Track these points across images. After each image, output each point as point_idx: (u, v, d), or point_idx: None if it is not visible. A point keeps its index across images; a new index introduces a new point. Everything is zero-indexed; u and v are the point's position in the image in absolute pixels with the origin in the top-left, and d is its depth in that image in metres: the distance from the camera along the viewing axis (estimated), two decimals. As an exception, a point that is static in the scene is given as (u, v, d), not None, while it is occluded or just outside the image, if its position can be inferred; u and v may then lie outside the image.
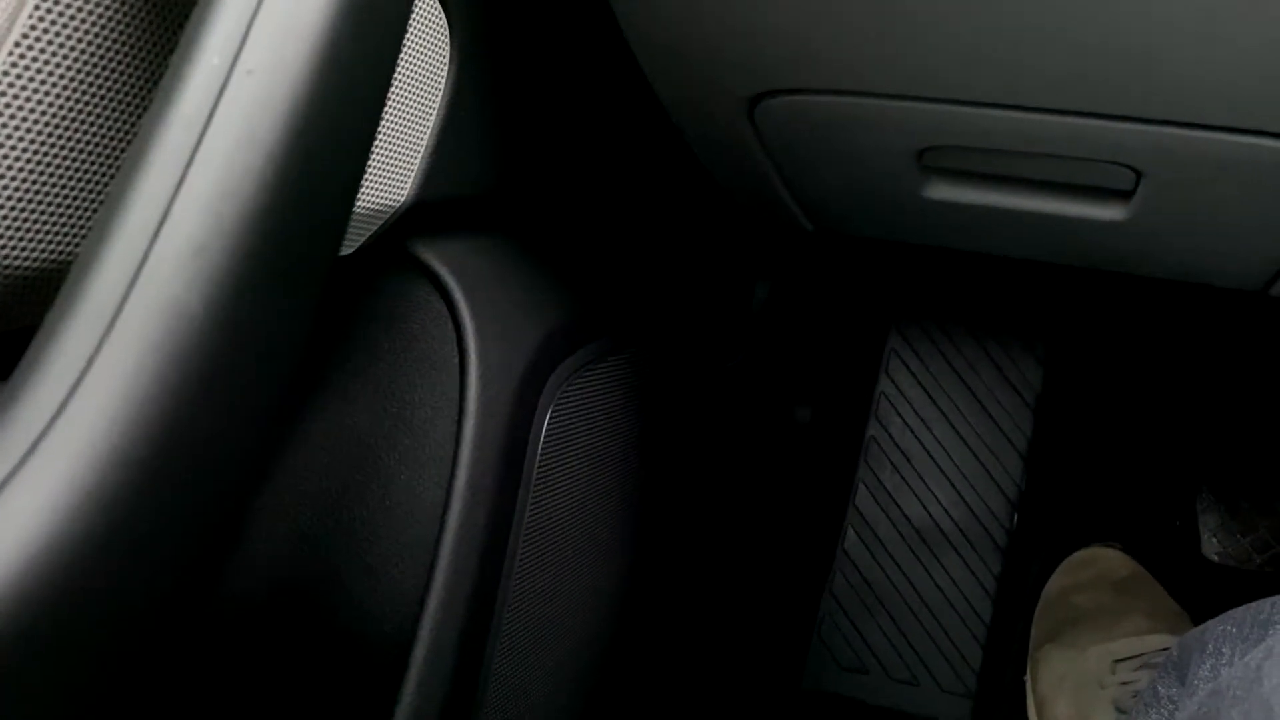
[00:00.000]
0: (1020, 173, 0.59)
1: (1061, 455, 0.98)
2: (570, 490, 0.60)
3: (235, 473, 0.26)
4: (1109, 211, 0.59)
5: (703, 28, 0.51)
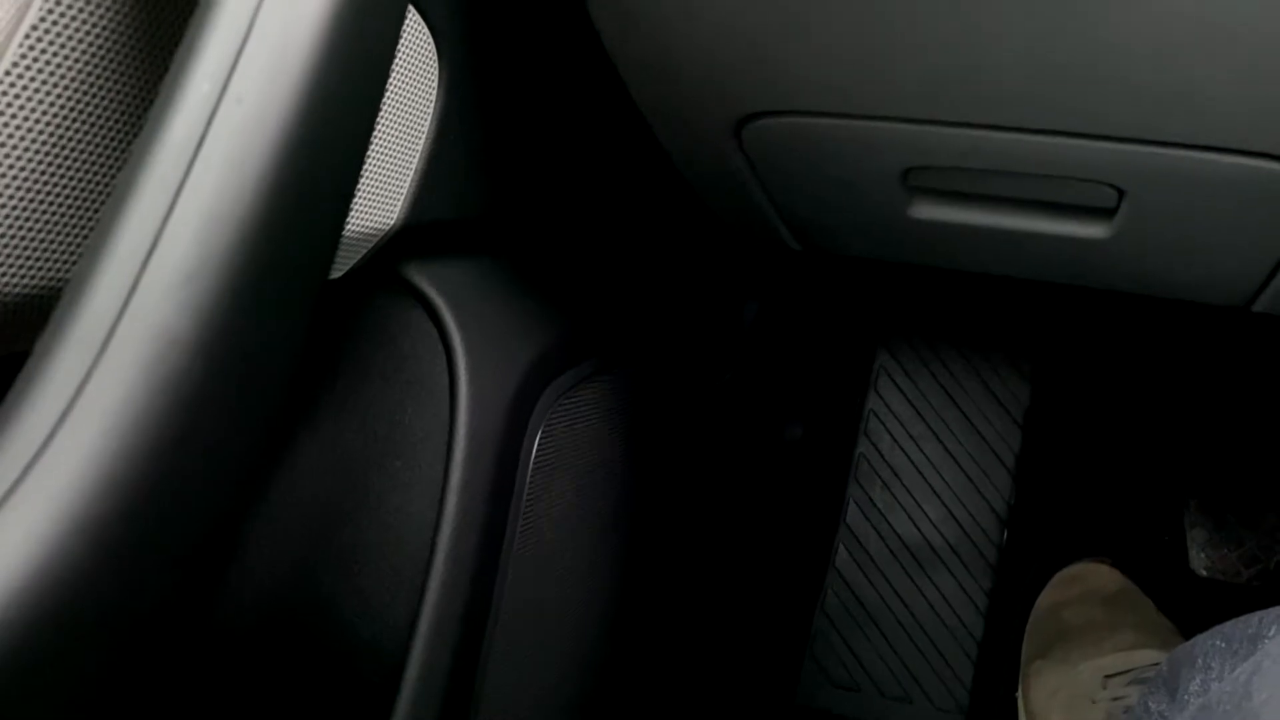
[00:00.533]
0: (1004, 192, 0.59)
1: (1050, 471, 0.98)
2: (561, 511, 0.60)
3: (225, 498, 0.26)
4: (1092, 229, 0.59)
5: (689, 53, 0.52)
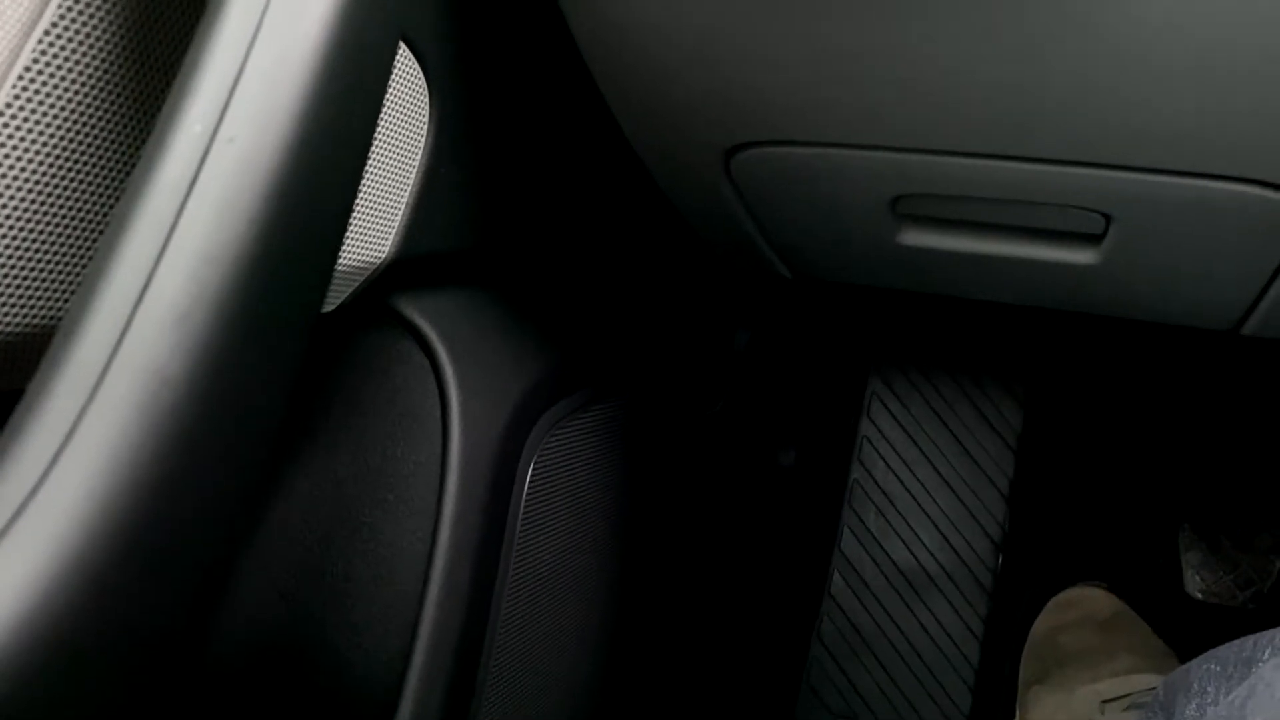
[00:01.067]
0: (992, 218, 0.60)
1: (1043, 495, 0.98)
2: (555, 541, 0.59)
3: (219, 533, 0.26)
4: (1080, 255, 0.60)
5: (678, 85, 0.52)
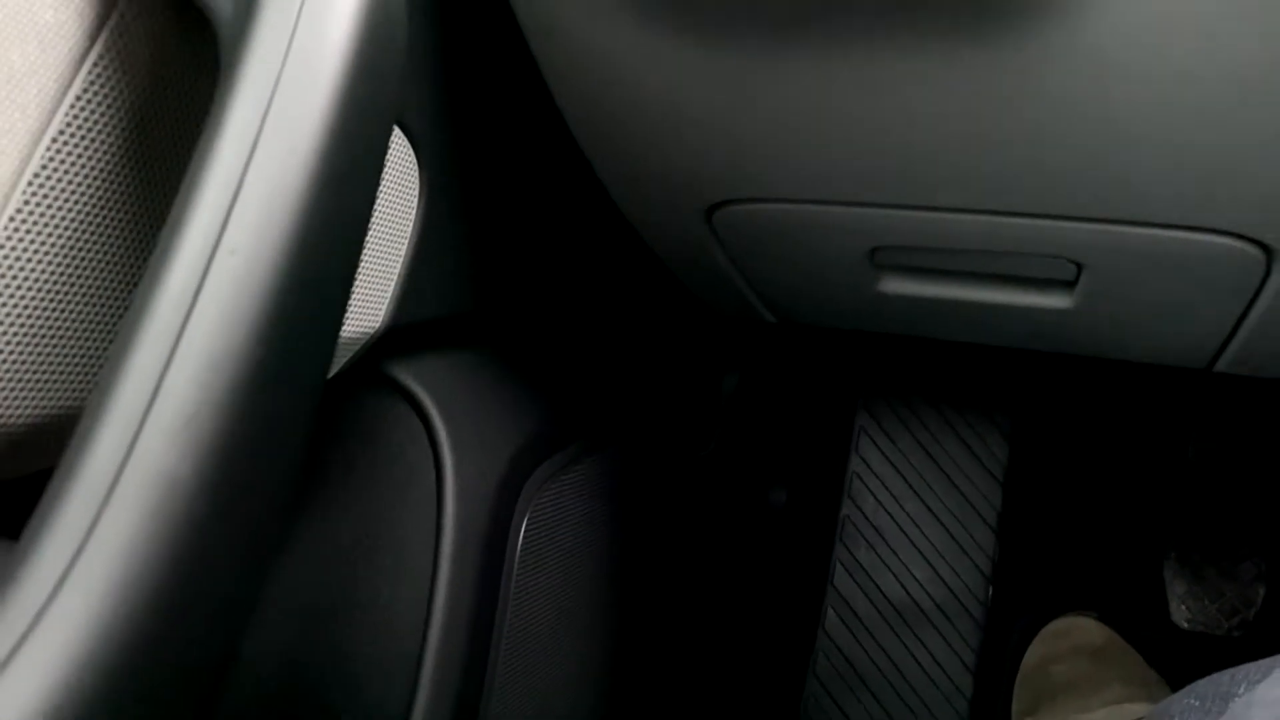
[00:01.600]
0: (968, 267, 0.61)
1: (1031, 526, 0.99)
2: (550, 595, 0.60)
3: (233, 621, 0.28)
4: (1054, 300, 0.61)
5: (655, 152, 0.54)
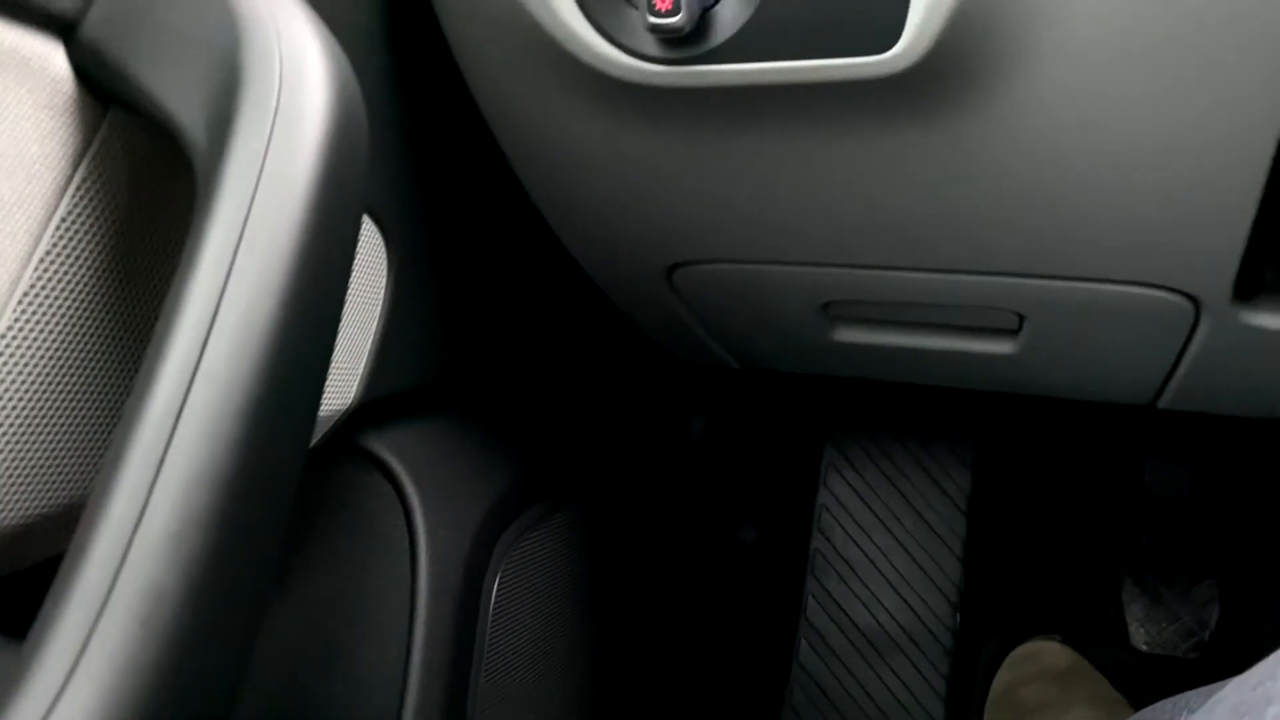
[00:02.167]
0: (917, 318, 0.64)
1: (995, 554, 1.02)
2: (524, 649, 0.62)
3: (218, 707, 0.30)
4: (1000, 346, 0.64)
5: (615, 220, 0.56)
